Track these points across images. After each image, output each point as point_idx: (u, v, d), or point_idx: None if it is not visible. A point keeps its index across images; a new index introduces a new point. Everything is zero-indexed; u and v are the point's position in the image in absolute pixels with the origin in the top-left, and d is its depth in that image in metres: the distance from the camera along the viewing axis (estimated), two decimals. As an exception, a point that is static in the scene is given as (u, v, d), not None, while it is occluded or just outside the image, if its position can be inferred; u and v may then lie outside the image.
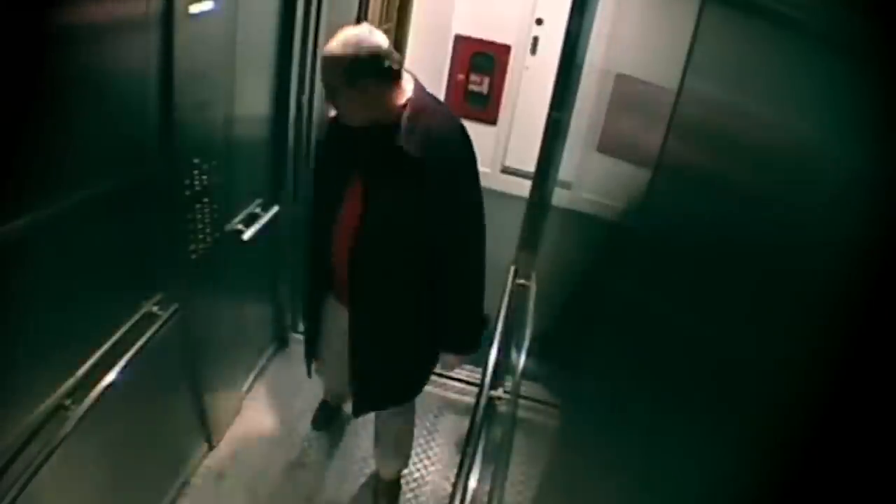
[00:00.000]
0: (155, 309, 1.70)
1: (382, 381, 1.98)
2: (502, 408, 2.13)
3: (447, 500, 2.07)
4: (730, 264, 0.55)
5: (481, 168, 1.79)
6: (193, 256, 1.88)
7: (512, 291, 2.20)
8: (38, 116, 1.17)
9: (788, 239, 0.46)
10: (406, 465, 2.35)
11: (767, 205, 0.50)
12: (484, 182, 1.78)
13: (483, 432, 1.72)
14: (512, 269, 2.36)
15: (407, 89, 1.70)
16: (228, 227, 2.12)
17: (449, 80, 4.81)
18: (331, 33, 2.53)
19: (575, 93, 2.17)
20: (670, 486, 0.61)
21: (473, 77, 4.78)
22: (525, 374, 1.85)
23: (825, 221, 0.42)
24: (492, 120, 4.83)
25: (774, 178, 0.49)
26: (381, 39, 1.62)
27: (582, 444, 0.90)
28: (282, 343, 3.03)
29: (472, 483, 1.74)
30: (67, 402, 1.39)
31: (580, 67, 2.14)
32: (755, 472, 0.45)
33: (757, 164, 0.52)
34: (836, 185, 0.41)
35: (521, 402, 1.90)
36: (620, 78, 1.29)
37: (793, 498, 0.40)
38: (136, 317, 1.63)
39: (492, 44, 4.67)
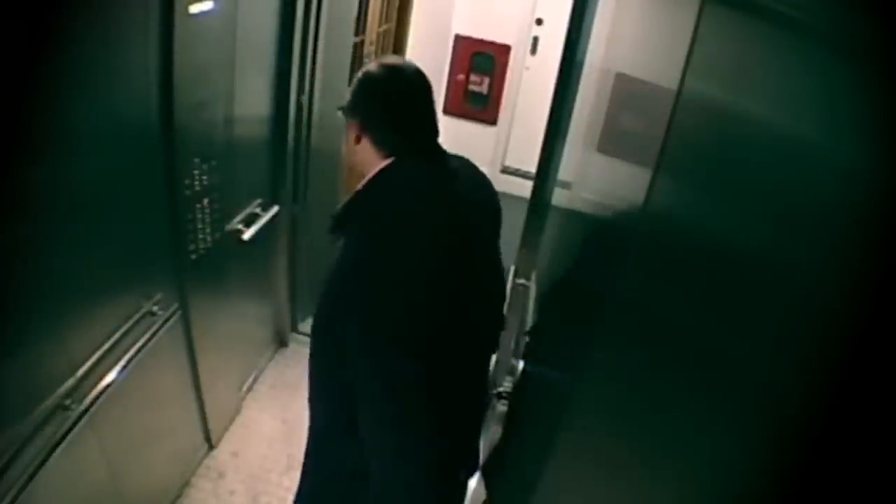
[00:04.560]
0: (155, 309, 1.70)
1: None
2: (502, 408, 2.13)
3: (447, 500, 2.06)
4: (731, 265, 0.55)
5: (481, 168, 1.51)
6: (193, 256, 1.88)
7: (512, 291, 2.20)
8: (37, 117, 1.17)
9: (789, 239, 0.46)
10: None
11: (768, 205, 0.50)
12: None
13: (483, 432, 1.72)
14: (512, 268, 2.37)
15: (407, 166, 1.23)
16: (228, 227, 2.12)
17: (449, 80, 4.82)
18: (331, 33, 2.55)
19: (575, 93, 2.17)
20: (671, 487, 0.61)
21: (473, 77, 4.79)
22: (525, 374, 1.85)
23: (827, 221, 0.42)
24: (492, 120, 4.84)
25: (775, 177, 0.49)
26: (416, 85, 1.28)
27: (582, 444, 0.90)
28: (282, 343, 3.03)
29: (473, 483, 1.74)
30: (67, 402, 1.39)
31: (580, 67, 2.14)
32: (761, 475, 0.45)
33: (757, 164, 0.52)
34: (838, 185, 0.41)
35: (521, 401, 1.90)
36: (620, 78, 1.30)
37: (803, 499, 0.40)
38: (137, 317, 1.63)
39: (492, 44, 4.69)
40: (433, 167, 1.28)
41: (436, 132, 1.31)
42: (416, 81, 1.30)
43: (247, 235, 2.17)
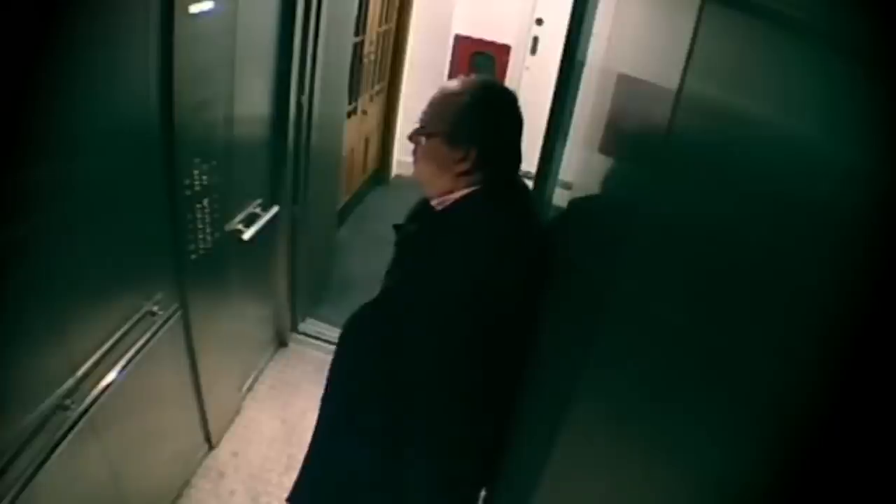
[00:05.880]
0: (155, 309, 1.70)
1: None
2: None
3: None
4: (731, 264, 0.55)
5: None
6: (193, 256, 1.88)
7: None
8: (37, 117, 1.17)
9: (789, 239, 0.46)
10: None
11: (768, 204, 0.50)
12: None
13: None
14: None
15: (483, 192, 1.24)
16: (228, 227, 2.12)
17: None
18: (331, 33, 2.55)
19: (575, 93, 2.17)
20: (669, 488, 0.61)
21: (474, 77, 4.77)
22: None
23: (827, 221, 0.42)
24: (492, 120, 4.83)
25: (775, 177, 0.49)
26: (507, 99, 1.28)
27: (581, 444, 0.90)
28: (282, 343, 3.03)
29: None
30: (67, 402, 1.39)
31: (580, 67, 2.14)
32: (761, 473, 0.45)
33: (758, 165, 0.52)
34: (838, 185, 0.41)
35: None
36: (621, 78, 1.29)
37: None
38: (137, 317, 1.63)
39: (492, 44, 4.68)
40: (518, 197, 1.32)
41: (521, 159, 1.33)
42: (517, 106, 1.28)
43: (247, 235, 2.17)
